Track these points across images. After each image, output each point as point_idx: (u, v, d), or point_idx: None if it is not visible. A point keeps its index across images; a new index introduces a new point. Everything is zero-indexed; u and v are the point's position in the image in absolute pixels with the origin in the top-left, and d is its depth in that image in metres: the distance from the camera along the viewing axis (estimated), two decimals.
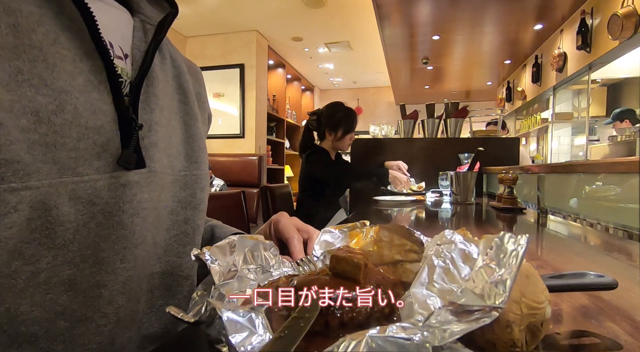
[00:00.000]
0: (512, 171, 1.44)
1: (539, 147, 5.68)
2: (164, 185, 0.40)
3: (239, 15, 4.16)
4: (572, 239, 0.97)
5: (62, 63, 0.31)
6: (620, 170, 0.90)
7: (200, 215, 0.46)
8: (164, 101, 0.41)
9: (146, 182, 0.37)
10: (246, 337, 0.24)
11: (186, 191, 0.43)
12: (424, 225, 1.18)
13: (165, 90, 0.42)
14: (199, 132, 0.46)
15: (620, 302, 0.39)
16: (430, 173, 2.19)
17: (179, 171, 0.42)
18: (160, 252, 0.41)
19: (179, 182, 0.42)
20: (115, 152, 0.34)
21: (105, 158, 0.33)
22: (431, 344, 0.19)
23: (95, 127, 0.32)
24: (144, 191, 0.37)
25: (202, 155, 0.46)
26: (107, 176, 0.33)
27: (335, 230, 0.45)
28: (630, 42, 2.70)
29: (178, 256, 0.43)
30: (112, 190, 0.34)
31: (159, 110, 0.40)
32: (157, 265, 0.40)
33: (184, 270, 0.43)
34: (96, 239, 0.33)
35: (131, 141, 0.35)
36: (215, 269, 0.33)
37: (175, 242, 0.42)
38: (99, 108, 0.33)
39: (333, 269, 0.29)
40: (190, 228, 0.44)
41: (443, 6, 3.40)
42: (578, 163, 1.32)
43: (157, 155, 0.39)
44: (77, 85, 0.32)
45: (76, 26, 0.32)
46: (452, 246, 0.30)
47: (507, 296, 0.21)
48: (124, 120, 0.35)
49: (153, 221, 0.38)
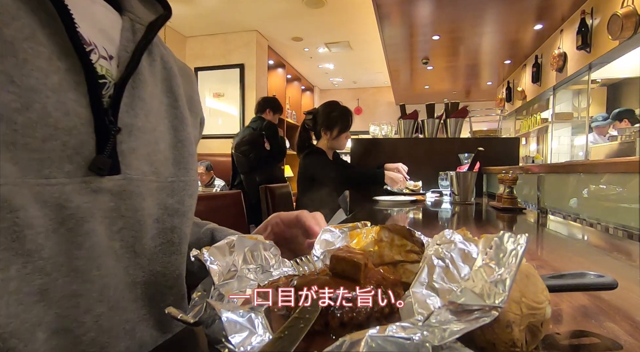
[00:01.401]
0: (512, 171, 1.44)
1: (539, 147, 5.68)
2: (144, 192, 0.37)
3: (239, 15, 4.16)
4: (572, 239, 0.97)
5: (36, 60, 0.29)
6: (620, 170, 0.90)
7: (187, 223, 0.44)
8: (151, 105, 0.40)
9: (120, 189, 0.35)
10: (246, 337, 0.24)
11: (174, 198, 0.41)
12: (424, 225, 1.18)
13: (154, 94, 0.40)
14: (188, 137, 0.44)
15: (620, 302, 0.39)
16: (430, 173, 2.19)
17: (165, 178, 0.40)
18: (144, 261, 0.39)
19: (165, 189, 0.41)
20: (89, 155, 0.32)
21: (77, 162, 0.32)
22: (431, 344, 0.19)
23: (67, 128, 0.31)
24: (118, 198, 0.35)
25: (191, 161, 0.44)
26: (77, 180, 0.32)
27: (336, 229, 0.45)
28: (630, 42, 2.70)
29: (163, 266, 0.40)
30: (83, 195, 0.32)
31: (144, 115, 0.38)
32: (141, 274, 0.38)
33: (169, 280, 0.41)
34: (69, 246, 0.31)
35: (107, 146, 0.33)
36: (215, 269, 0.33)
37: (161, 251, 0.40)
38: (73, 109, 0.31)
39: (333, 269, 0.29)
40: (176, 237, 0.42)
41: (443, 6, 3.40)
42: (578, 163, 1.32)
43: (136, 162, 0.37)
44: (51, 84, 0.30)
45: (56, 24, 0.31)
46: (452, 245, 0.30)
47: (507, 295, 0.21)
48: (101, 123, 0.33)
49: (131, 229, 0.36)
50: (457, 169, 1.68)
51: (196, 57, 4.75)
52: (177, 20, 4.24)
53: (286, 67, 5.54)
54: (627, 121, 3.63)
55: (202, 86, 4.74)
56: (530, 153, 5.80)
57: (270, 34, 4.73)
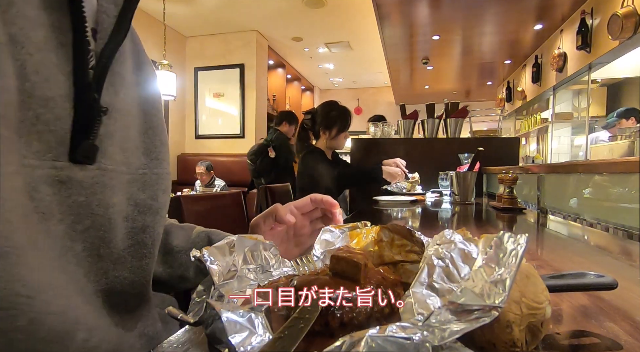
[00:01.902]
0: (512, 171, 1.44)
1: (539, 147, 5.68)
2: (115, 185, 0.32)
3: (239, 15, 4.16)
4: (572, 239, 0.97)
5: (24, 6, 0.25)
6: (620, 170, 0.90)
7: (160, 222, 0.38)
8: (129, 83, 0.34)
9: (91, 181, 0.30)
10: (246, 337, 0.24)
11: (145, 193, 0.36)
12: (424, 225, 1.18)
13: (130, 71, 0.35)
14: (160, 123, 0.39)
15: (620, 302, 0.39)
16: (430, 173, 2.19)
17: (136, 169, 0.35)
18: (108, 266, 0.32)
19: (136, 182, 0.35)
20: (62, 136, 0.27)
21: (47, 141, 0.26)
22: (431, 344, 0.19)
23: (43, 98, 0.25)
24: (85, 192, 0.29)
25: (163, 150, 0.38)
26: (47, 164, 0.26)
27: (336, 229, 0.45)
28: (630, 42, 2.70)
29: (131, 271, 0.34)
30: (49, 185, 0.26)
31: (123, 95, 0.33)
32: (103, 280, 0.32)
33: (136, 287, 0.35)
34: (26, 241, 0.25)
35: (92, 129, 0.28)
36: (215, 269, 0.33)
37: (129, 254, 0.34)
38: (53, 75, 0.26)
39: (333, 269, 0.29)
40: (148, 237, 0.36)
41: (443, 6, 3.41)
42: (578, 163, 1.32)
43: (111, 149, 0.31)
44: (36, 39, 0.25)
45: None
46: (452, 245, 0.30)
47: (507, 295, 0.21)
48: (81, 100, 0.28)
49: (99, 229, 0.31)
50: (457, 169, 1.68)
51: (196, 57, 4.76)
52: (177, 20, 4.25)
53: (286, 67, 5.54)
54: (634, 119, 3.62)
55: (202, 86, 4.75)
56: (530, 153, 5.80)
57: (270, 34, 4.73)
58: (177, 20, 4.23)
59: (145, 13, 4.03)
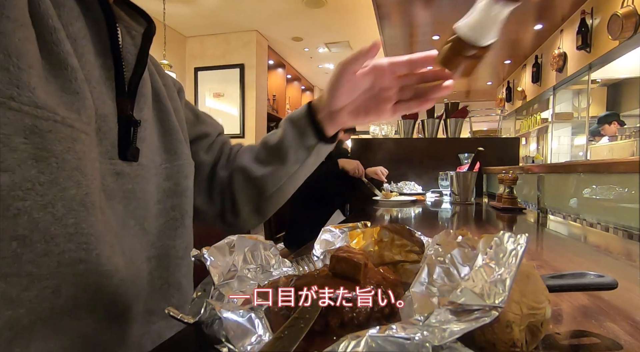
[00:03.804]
0: (512, 171, 1.44)
1: (539, 147, 5.68)
2: (148, 177, 0.43)
3: (239, 15, 4.16)
4: (572, 239, 0.97)
5: (88, 55, 0.36)
6: (620, 170, 0.90)
7: (186, 200, 0.49)
8: (149, 100, 0.45)
9: (134, 174, 0.41)
10: (246, 337, 0.24)
11: (169, 181, 0.47)
12: (424, 225, 1.18)
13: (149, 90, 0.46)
14: (174, 126, 0.49)
15: (620, 302, 0.39)
16: (430, 173, 2.19)
17: (159, 165, 0.46)
18: (153, 238, 0.44)
19: (161, 175, 0.46)
20: (113, 142, 0.38)
21: (105, 145, 0.37)
22: (431, 344, 0.19)
23: (103, 115, 0.37)
24: (131, 182, 0.40)
25: (180, 146, 0.49)
26: (107, 161, 0.37)
27: (336, 229, 0.45)
28: (630, 42, 2.70)
29: (170, 239, 0.46)
30: (109, 175, 0.38)
31: (147, 109, 0.44)
32: (152, 250, 0.43)
33: (179, 251, 0.47)
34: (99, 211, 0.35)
35: (134, 137, 0.40)
36: (215, 269, 0.33)
37: (166, 227, 0.46)
38: (106, 100, 0.38)
39: (333, 269, 0.29)
40: (178, 214, 0.47)
41: (443, 6, 3.40)
42: (578, 163, 1.32)
43: (145, 150, 0.43)
44: (95, 76, 0.36)
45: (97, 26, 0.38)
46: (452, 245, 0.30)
47: (507, 295, 0.21)
48: (123, 116, 0.39)
49: (137, 209, 0.41)
50: (457, 169, 1.68)
51: (196, 57, 4.75)
52: (177, 20, 4.25)
53: (286, 67, 5.54)
54: (615, 123, 3.67)
55: (202, 86, 4.74)
56: (530, 153, 5.80)
57: (270, 34, 4.72)
58: (177, 20, 4.23)
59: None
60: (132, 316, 0.39)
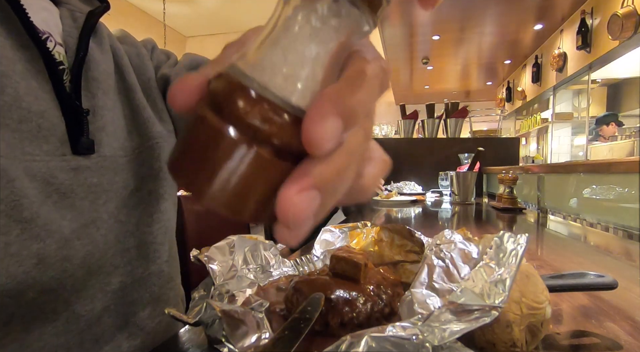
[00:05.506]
0: (512, 171, 1.44)
1: (539, 147, 5.68)
2: (116, 168, 0.40)
3: (239, 15, 4.16)
4: (572, 239, 0.97)
5: (3, 50, 0.32)
6: (620, 170, 0.90)
7: (161, 183, 0.46)
8: (107, 83, 0.42)
9: (97, 166, 0.38)
10: (246, 337, 0.24)
11: (144, 166, 0.44)
12: (424, 225, 1.18)
13: (107, 72, 0.42)
14: (140, 104, 0.46)
15: (620, 302, 0.39)
16: (430, 173, 2.19)
17: (133, 150, 0.43)
18: (132, 228, 0.42)
19: (136, 161, 0.43)
20: (62, 137, 0.35)
21: (53, 142, 0.35)
22: (431, 344, 0.19)
23: (39, 112, 0.33)
24: (94, 175, 0.38)
25: (149, 125, 0.46)
26: (58, 159, 0.35)
27: (336, 229, 0.45)
28: (630, 42, 2.70)
29: (148, 225, 0.44)
30: (64, 172, 0.35)
31: (101, 94, 0.40)
32: (131, 240, 0.42)
33: (157, 237, 0.45)
34: (57, 216, 0.34)
35: (83, 128, 0.36)
36: (215, 269, 0.33)
37: (145, 214, 0.44)
38: (39, 95, 0.34)
39: (333, 269, 0.29)
40: (154, 199, 0.45)
41: (443, 6, 3.40)
42: (578, 163, 1.32)
43: (106, 139, 0.39)
44: (18, 71, 0.33)
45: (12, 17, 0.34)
46: (452, 245, 0.30)
47: (507, 295, 0.21)
48: (67, 107, 0.36)
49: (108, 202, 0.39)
50: (457, 169, 1.68)
51: None
52: (177, 20, 4.24)
53: None
54: (614, 124, 3.67)
55: None
56: (530, 153, 5.80)
57: None
58: (177, 20, 4.23)
59: (145, 13, 4.03)
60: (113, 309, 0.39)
